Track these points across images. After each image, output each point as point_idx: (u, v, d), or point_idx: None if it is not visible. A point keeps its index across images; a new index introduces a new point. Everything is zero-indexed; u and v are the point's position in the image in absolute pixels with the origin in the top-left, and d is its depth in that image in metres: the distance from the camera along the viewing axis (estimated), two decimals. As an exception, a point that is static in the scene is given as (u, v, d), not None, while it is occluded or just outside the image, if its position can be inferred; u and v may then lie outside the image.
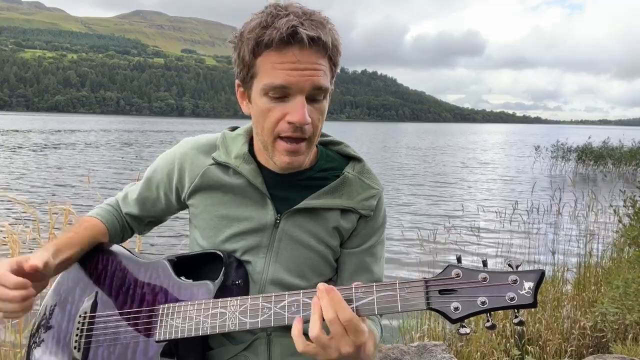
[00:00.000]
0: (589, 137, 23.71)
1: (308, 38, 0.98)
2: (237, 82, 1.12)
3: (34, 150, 24.96)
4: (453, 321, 0.87)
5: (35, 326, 1.20)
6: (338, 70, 1.10)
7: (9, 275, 1.00)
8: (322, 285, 0.92)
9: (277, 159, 1.08)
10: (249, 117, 1.15)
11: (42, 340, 1.17)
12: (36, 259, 1.02)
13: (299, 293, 0.96)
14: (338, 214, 1.17)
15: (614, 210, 4.16)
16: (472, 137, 70.81)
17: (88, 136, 41.23)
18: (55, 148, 27.03)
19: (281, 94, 1.02)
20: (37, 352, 1.17)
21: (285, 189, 1.16)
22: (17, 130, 44.44)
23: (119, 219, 1.32)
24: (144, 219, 1.34)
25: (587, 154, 22.66)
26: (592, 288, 4.34)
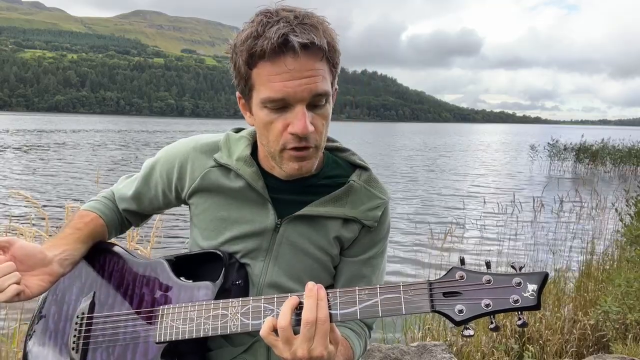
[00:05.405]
0: (582, 136, 23.53)
1: (300, 45, 0.95)
2: (237, 94, 1.10)
3: (36, 150, 24.93)
4: (457, 323, 0.86)
5: (32, 326, 1.19)
6: (339, 70, 1.07)
7: None
8: (310, 284, 0.93)
9: (286, 167, 1.06)
10: (248, 117, 1.13)
11: (39, 341, 1.16)
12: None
13: (302, 295, 0.94)
14: (340, 223, 1.15)
15: (616, 210, 4.15)
16: (473, 137, 70.71)
17: (95, 136, 41.14)
18: (56, 148, 27.00)
19: (281, 105, 1.00)
20: (33, 353, 1.15)
21: (288, 194, 1.14)
22: (43, 131, 44.41)
23: (117, 215, 1.30)
24: (141, 214, 1.33)
25: (585, 152, 22.55)
26: (594, 288, 4.32)
